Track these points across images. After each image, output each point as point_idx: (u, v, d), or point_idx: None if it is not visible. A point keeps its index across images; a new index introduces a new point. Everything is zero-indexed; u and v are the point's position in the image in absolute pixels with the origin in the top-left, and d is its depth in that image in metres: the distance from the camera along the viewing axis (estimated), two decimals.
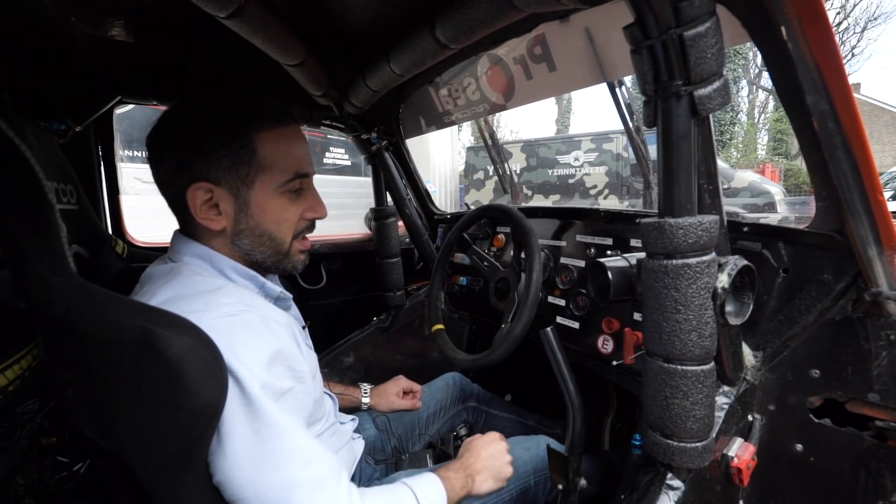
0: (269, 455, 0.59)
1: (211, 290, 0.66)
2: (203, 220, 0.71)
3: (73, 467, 1.17)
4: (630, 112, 1.47)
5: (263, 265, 0.78)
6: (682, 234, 0.60)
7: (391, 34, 1.02)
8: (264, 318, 0.66)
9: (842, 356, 0.78)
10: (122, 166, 2.25)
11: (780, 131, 15.51)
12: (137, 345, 0.50)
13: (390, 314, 1.74)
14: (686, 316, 0.62)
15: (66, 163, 0.93)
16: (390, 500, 0.74)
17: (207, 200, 0.71)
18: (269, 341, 0.64)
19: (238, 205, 0.72)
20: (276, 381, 0.63)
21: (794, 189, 12.76)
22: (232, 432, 0.57)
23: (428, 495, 0.77)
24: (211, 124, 0.70)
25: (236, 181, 0.71)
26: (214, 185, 0.70)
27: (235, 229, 0.73)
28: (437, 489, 0.80)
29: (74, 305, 0.54)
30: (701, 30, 0.56)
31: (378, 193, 1.71)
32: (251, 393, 0.58)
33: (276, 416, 0.60)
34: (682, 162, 0.61)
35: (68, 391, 0.59)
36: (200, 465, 0.57)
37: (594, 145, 7.14)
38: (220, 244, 0.75)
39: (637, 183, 6.68)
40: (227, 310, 0.62)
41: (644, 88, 0.63)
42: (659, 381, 0.66)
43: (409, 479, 0.80)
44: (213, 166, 0.69)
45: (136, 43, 1.15)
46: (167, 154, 0.71)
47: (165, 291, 0.65)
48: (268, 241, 0.76)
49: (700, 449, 0.67)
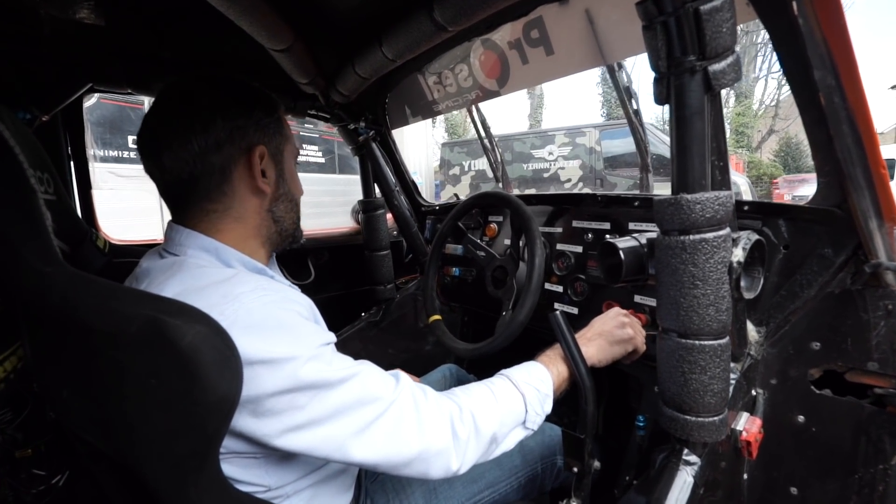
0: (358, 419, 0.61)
1: (223, 279, 0.61)
2: (261, 183, 0.74)
3: (50, 480, 1.09)
4: (629, 95, 1.49)
5: (286, 234, 0.81)
6: (700, 209, 0.60)
7: (385, 16, 0.99)
8: (287, 298, 0.63)
9: (841, 328, 0.81)
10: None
11: (741, 124, 16.12)
12: (146, 336, 0.46)
13: (381, 308, 1.71)
14: (704, 290, 0.62)
15: (43, 151, 0.86)
16: (485, 390, 0.75)
17: (260, 165, 0.74)
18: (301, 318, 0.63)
19: (278, 171, 0.77)
20: (315, 354, 0.60)
21: (756, 180, 13.32)
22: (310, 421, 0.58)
23: (528, 380, 0.78)
24: (257, 95, 0.75)
25: (276, 148, 0.76)
26: (265, 150, 0.74)
27: (276, 194, 0.77)
28: (538, 371, 0.80)
29: (71, 297, 0.50)
30: (717, 3, 0.56)
31: (366, 185, 1.67)
32: (305, 379, 0.57)
33: (338, 380, 0.60)
34: (696, 138, 0.61)
35: (63, 392, 0.54)
36: (214, 464, 0.53)
37: (568, 139, 7.24)
38: (251, 214, 0.75)
39: (611, 176, 6.82)
40: (248, 298, 0.58)
41: (656, 65, 0.63)
42: (676, 358, 0.67)
43: (507, 370, 0.82)
44: (263, 132, 0.74)
45: (107, 26, 1.08)
46: (218, 122, 0.69)
47: (173, 285, 0.60)
48: (294, 207, 0.82)
49: (717, 423, 0.67)
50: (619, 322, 0.92)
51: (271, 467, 0.66)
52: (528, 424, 0.77)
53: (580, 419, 0.85)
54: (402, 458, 0.64)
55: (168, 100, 0.71)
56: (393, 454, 0.63)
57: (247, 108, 0.72)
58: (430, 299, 1.36)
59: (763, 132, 16.90)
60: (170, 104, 0.71)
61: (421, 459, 0.64)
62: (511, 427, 0.75)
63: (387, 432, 0.63)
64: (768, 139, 17.01)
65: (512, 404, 0.75)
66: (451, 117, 17.30)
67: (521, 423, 0.76)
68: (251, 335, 0.55)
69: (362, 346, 1.67)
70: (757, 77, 16.93)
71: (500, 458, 0.99)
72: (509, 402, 0.75)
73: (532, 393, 0.77)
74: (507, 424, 0.74)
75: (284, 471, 0.67)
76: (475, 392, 0.74)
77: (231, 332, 0.52)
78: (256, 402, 0.56)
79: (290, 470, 0.68)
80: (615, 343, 0.90)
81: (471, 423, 0.69)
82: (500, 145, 2.28)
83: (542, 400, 0.78)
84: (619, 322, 0.92)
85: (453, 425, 0.68)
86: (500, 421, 0.72)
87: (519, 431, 0.76)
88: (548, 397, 0.79)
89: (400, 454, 0.63)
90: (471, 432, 0.69)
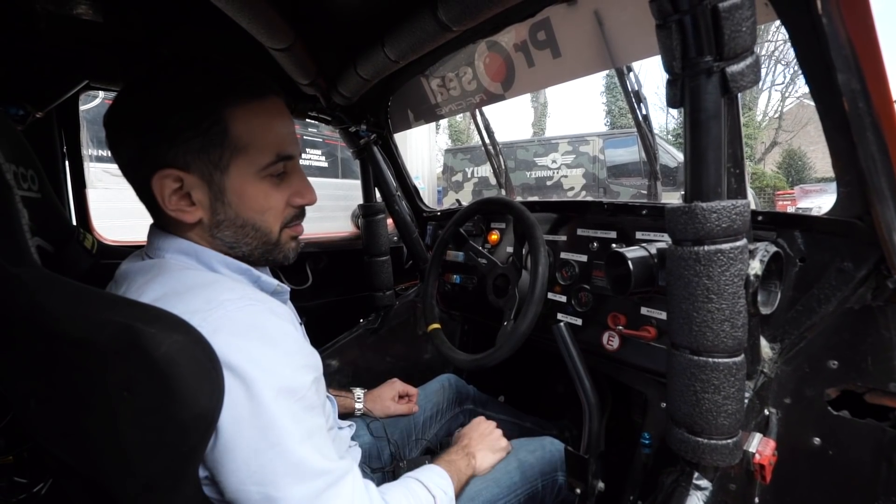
0: (278, 466, 0.53)
1: (206, 284, 0.58)
2: (174, 213, 0.62)
3: (32, 488, 1.05)
4: (638, 100, 1.46)
5: (251, 258, 0.69)
6: (715, 218, 0.57)
7: (387, 15, 0.96)
8: (272, 311, 0.59)
9: (861, 346, 0.77)
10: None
11: (745, 135, 16.10)
12: (118, 345, 0.43)
13: (379, 315, 1.67)
14: (719, 305, 0.58)
15: (28, 147, 0.83)
16: (406, 496, 0.73)
17: (177, 189, 0.62)
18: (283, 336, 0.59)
19: (213, 193, 0.63)
20: (295, 378, 0.57)
21: (759, 192, 13.28)
22: (236, 442, 0.51)
23: (438, 483, 0.79)
24: (175, 101, 0.61)
25: (208, 166, 0.62)
26: (183, 172, 0.61)
27: (213, 220, 0.64)
28: (443, 476, 0.82)
29: (39, 301, 0.46)
30: (737, 1, 0.53)
31: (366, 189, 1.64)
32: (264, 398, 0.52)
33: (290, 424, 0.54)
34: (713, 143, 0.57)
35: (31, 402, 0.51)
36: (191, 483, 0.50)
37: (571, 148, 7.22)
38: (199, 238, 0.66)
39: (614, 185, 6.80)
40: (233, 306, 0.54)
41: (670, 66, 0.59)
42: (688, 376, 0.63)
43: (414, 473, 0.82)
44: (180, 150, 0.60)
45: (104, 22, 1.06)
46: (128, 137, 0.62)
47: (153, 289, 0.57)
48: (252, 231, 0.67)
49: (731, 446, 0.63)
50: (496, 434, 1.04)
51: None
52: None
53: (584, 438, 0.81)
54: None
55: (117, 99, 0.65)
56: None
57: (159, 121, 0.60)
58: (429, 307, 1.32)
59: (766, 143, 16.90)
60: (116, 105, 0.64)
61: None
62: None
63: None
64: (771, 151, 17.01)
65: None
66: (454, 123, 17.35)
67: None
68: (232, 345, 0.52)
69: (360, 354, 1.63)
70: (760, 89, 16.96)
71: (497, 476, 0.96)
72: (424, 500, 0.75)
73: (440, 494, 0.78)
74: None
75: None
76: (395, 495, 0.72)
77: (213, 340, 0.49)
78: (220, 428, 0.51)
79: None
80: (498, 451, 1.01)
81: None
82: (503, 152, 2.25)
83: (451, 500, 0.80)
84: (497, 434, 1.04)
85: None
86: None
87: None
88: (454, 500, 0.81)
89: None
90: None
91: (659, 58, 0.61)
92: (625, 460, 1.12)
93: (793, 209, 9.94)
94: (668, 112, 16.43)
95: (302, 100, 1.44)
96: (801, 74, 0.68)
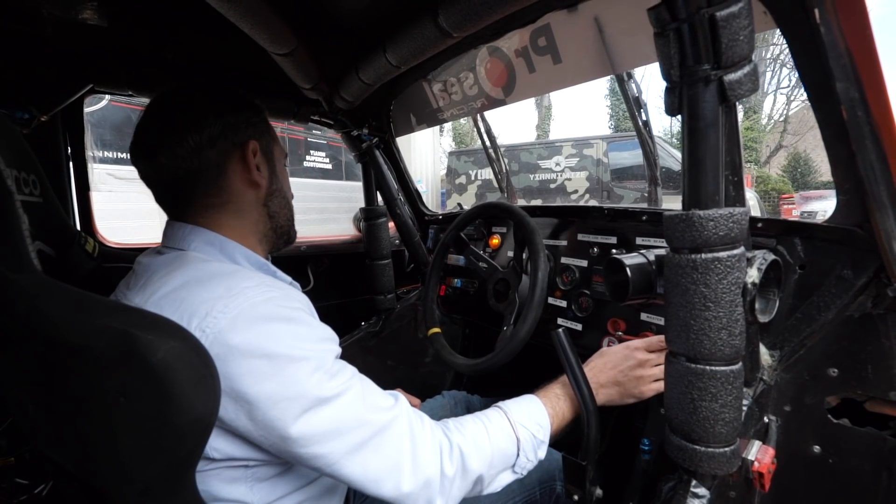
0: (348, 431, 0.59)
1: (227, 273, 0.62)
2: (256, 176, 0.75)
3: (33, 490, 1.06)
4: (638, 106, 1.45)
5: (280, 232, 0.82)
6: (713, 226, 0.56)
7: (389, 21, 0.97)
8: (289, 296, 0.62)
9: (861, 354, 0.76)
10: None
11: (750, 139, 16.06)
12: (115, 350, 0.43)
13: (380, 318, 1.67)
14: (716, 313, 0.58)
15: (30, 152, 0.84)
16: (479, 427, 0.71)
17: (253, 160, 0.75)
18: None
19: (269, 167, 0.79)
20: (318, 348, 0.61)
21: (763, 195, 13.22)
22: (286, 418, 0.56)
23: (522, 418, 0.74)
24: (240, 97, 0.78)
25: (266, 145, 0.78)
26: (259, 147, 0.76)
27: (270, 189, 0.78)
28: (537, 411, 0.77)
29: (38, 306, 0.47)
30: (734, 10, 0.53)
31: (368, 193, 1.64)
32: (305, 388, 0.56)
33: (337, 394, 0.59)
34: (710, 151, 0.57)
35: (29, 408, 0.51)
36: (188, 487, 0.50)
37: (575, 151, 7.21)
38: (248, 208, 0.76)
39: (618, 188, 6.78)
40: (252, 292, 0.58)
41: (668, 74, 0.59)
42: (685, 384, 0.62)
43: (506, 402, 0.78)
44: (253, 129, 0.76)
45: (109, 27, 1.07)
46: (211, 119, 0.71)
47: (176, 278, 0.61)
48: (287, 205, 0.83)
49: (728, 454, 0.63)
50: (631, 365, 0.84)
51: (256, 483, 0.63)
52: (516, 469, 0.74)
53: (582, 445, 0.81)
54: (390, 482, 0.61)
55: (161, 103, 0.74)
56: (382, 477, 0.61)
57: (236, 107, 0.75)
58: (429, 311, 1.32)
59: (771, 147, 16.83)
60: (163, 106, 0.73)
61: (408, 486, 0.62)
62: (500, 470, 0.72)
63: (380, 454, 0.61)
64: (776, 154, 16.93)
65: (504, 445, 0.72)
66: (458, 126, 17.38)
67: (510, 466, 0.73)
68: (255, 328, 0.55)
69: (361, 357, 1.63)
70: (766, 92, 16.90)
71: None
72: (502, 443, 0.72)
73: (527, 437, 0.74)
74: (496, 467, 0.71)
75: (269, 488, 0.65)
76: (468, 427, 0.71)
77: (235, 325, 0.54)
78: (253, 405, 0.55)
79: (275, 487, 0.66)
80: (627, 396, 0.85)
81: (459, 462, 0.66)
82: (507, 155, 2.26)
83: (536, 446, 0.75)
84: (630, 364, 0.84)
85: (442, 461, 0.65)
86: (490, 463, 0.70)
87: (507, 475, 0.74)
88: (543, 444, 0.76)
89: (389, 478, 0.61)
90: (458, 470, 0.66)
91: (650, 63, 0.61)
92: (625, 466, 1.11)
93: (798, 213, 9.88)
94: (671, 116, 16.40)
95: (304, 104, 1.45)
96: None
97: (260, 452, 0.61)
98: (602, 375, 0.85)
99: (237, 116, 0.74)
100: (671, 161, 6.11)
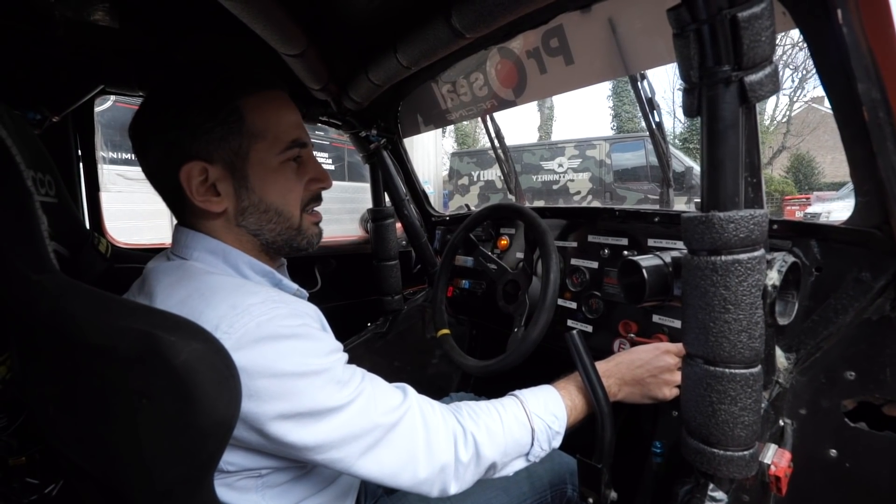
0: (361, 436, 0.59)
1: (231, 288, 0.59)
2: (202, 203, 0.65)
3: (44, 489, 1.06)
4: (652, 107, 1.45)
5: (275, 246, 0.72)
6: (733, 228, 0.56)
7: (400, 22, 0.96)
8: (294, 313, 0.60)
9: (879, 357, 0.76)
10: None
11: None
12: (137, 352, 0.43)
13: (388, 319, 1.67)
14: (736, 316, 0.58)
15: (45, 152, 0.84)
16: (494, 415, 0.71)
17: (203, 181, 0.64)
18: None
19: (236, 180, 0.66)
20: (326, 361, 0.60)
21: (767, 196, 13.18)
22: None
23: (537, 408, 0.74)
24: (193, 96, 0.64)
25: (230, 154, 0.65)
26: (207, 163, 0.64)
27: (238, 208, 0.67)
28: (553, 401, 0.76)
29: (60, 307, 0.46)
30: (756, 10, 0.52)
31: (376, 194, 1.64)
32: (316, 403, 0.56)
33: (349, 401, 0.59)
34: (730, 153, 0.57)
35: (49, 408, 0.51)
36: (207, 491, 0.50)
37: (578, 152, 7.21)
38: (224, 230, 0.68)
39: (621, 189, 6.78)
40: (258, 310, 0.56)
41: (687, 75, 0.59)
42: (703, 386, 0.62)
43: (522, 391, 0.77)
44: (202, 141, 0.63)
45: (120, 29, 1.07)
46: (153, 139, 0.66)
47: (178, 291, 0.59)
48: (275, 216, 0.69)
49: (747, 458, 0.62)
50: (664, 379, 0.82)
51: (267, 491, 0.63)
52: (530, 457, 0.74)
53: (597, 447, 0.80)
54: (406, 473, 0.62)
55: (142, 104, 0.69)
56: (398, 470, 0.62)
57: (180, 117, 0.63)
58: (438, 312, 1.32)
59: (774, 148, 16.79)
60: (142, 109, 0.68)
61: (424, 473, 0.63)
62: (513, 457, 0.72)
63: (395, 449, 0.62)
64: (779, 155, 16.89)
65: (519, 434, 0.71)
66: (461, 127, 17.39)
67: (524, 454, 0.73)
68: (260, 349, 0.54)
69: (368, 358, 1.63)
70: None
71: (506, 485, 0.95)
72: (516, 431, 0.71)
73: (542, 428, 0.73)
74: (510, 455, 0.71)
75: (280, 495, 0.65)
76: (482, 414, 0.71)
77: (241, 345, 0.52)
78: (265, 423, 0.54)
79: (285, 494, 0.65)
80: (646, 397, 0.84)
81: (473, 448, 0.67)
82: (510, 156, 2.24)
83: (550, 437, 0.74)
84: (665, 379, 0.82)
85: (456, 447, 0.65)
86: (503, 451, 0.70)
87: (520, 462, 0.74)
88: (558, 435, 0.75)
89: (405, 470, 0.62)
90: (472, 457, 0.67)
91: (665, 64, 0.61)
92: (635, 469, 1.11)
93: (801, 214, 9.85)
94: (675, 117, 16.35)
95: (313, 105, 1.45)
96: (810, 79, 0.67)
97: (273, 460, 0.61)
98: (629, 373, 0.84)
99: (180, 129, 0.63)
100: (674, 163, 6.12)
